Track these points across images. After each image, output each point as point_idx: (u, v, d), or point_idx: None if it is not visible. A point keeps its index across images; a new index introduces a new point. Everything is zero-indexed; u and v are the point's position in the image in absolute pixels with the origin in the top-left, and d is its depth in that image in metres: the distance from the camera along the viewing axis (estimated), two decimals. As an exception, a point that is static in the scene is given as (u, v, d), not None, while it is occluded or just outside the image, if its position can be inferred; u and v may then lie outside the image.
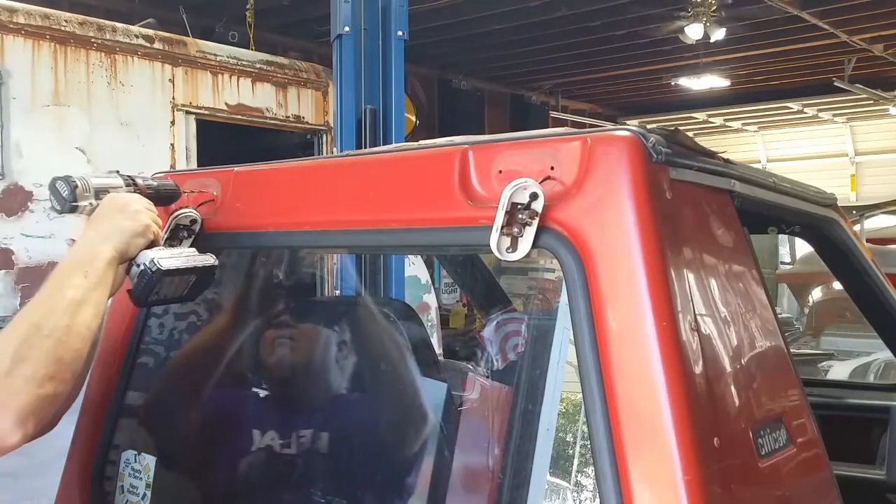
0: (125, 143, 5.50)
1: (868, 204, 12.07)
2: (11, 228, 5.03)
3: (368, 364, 2.19)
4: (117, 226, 1.67)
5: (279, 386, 2.25)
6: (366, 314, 2.35)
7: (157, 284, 1.69)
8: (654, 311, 1.26)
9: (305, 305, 2.54)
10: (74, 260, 1.62)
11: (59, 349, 1.49)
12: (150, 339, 2.17)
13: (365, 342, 2.21)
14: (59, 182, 1.72)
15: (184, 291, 1.78)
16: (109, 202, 1.71)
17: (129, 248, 1.67)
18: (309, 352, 2.22)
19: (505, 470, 1.66)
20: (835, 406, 2.80)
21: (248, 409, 2.27)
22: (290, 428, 2.15)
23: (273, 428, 2.16)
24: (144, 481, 1.98)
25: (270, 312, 2.32)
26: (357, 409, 2.22)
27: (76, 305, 1.53)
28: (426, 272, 7.11)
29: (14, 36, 5.04)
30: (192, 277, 1.77)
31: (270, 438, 2.16)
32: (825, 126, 20.68)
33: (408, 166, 1.65)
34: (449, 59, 14.19)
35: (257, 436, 2.16)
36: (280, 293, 2.41)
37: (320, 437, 2.13)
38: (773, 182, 1.85)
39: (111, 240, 1.65)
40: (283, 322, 2.25)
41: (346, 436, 2.13)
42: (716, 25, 10.78)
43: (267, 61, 6.40)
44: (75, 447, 2.09)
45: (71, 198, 1.71)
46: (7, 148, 4.99)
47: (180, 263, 1.73)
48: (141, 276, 1.69)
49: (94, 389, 2.07)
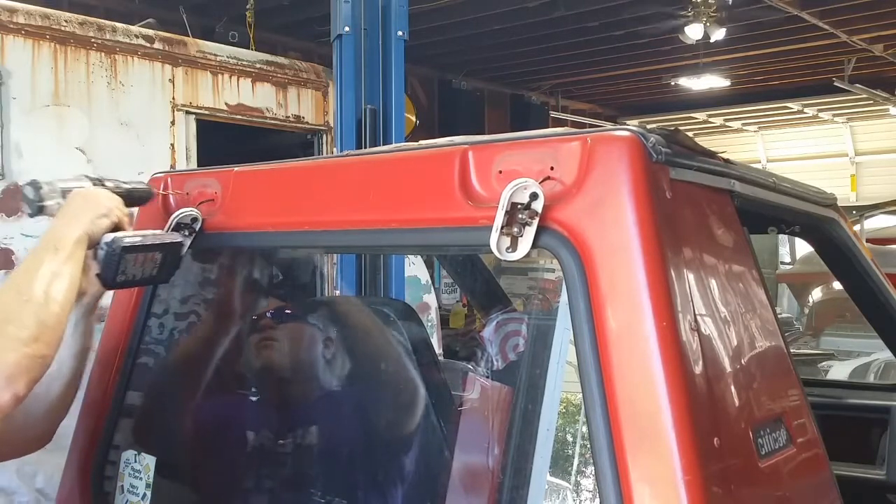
0: (125, 143, 5.49)
1: (868, 204, 12.06)
2: (11, 228, 5.02)
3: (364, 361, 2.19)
4: (81, 210, 1.76)
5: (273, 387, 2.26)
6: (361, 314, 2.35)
7: (121, 263, 1.75)
8: (654, 311, 1.26)
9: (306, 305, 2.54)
10: (45, 241, 1.73)
11: (41, 312, 1.59)
12: (150, 339, 2.17)
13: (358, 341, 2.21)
14: (27, 186, 1.83)
15: (153, 271, 1.83)
16: (75, 195, 1.81)
17: (94, 228, 1.75)
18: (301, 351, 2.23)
19: (505, 470, 1.66)
20: (835, 406, 2.80)
21: (245, 410, 2.28)
22: (287, 427, 2.16)
23: (268, 427, 2.17)
24: (144, 481, 1.98)
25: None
26: (352, 406, 2.22)
27: (51, 275, 1.65)
28: (426, 272, 7.10)
29: (14, 36, 5.03)
30: (158, 255, 1.81)
31: (266, 438, 2.16)
32: (825, 126, 20.67)
33: (408, 166, 1.65)
34: (449, 59, 14.18)
35: (251, 436, 2.17)
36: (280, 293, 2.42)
37: (313, 434, 2.14)
38: (773, 182, 1.84)
39: (77, 220, 1.74)
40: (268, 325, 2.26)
41: (343, 434, 2.14)
42: (716, 25, 10.77)
43: (267, 61, 6.39)
44: (75, 447, 2.09)
45: (37, 198, 1.81)
46: (7, 148, 4.98)
47: (141, 241, 1.79)
48: (104, 255, 1.76)
49: (94, 389, 2.07)
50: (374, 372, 2.17)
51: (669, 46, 12.82)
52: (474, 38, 12.72)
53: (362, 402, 2.23)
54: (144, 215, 2.07)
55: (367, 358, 2.19)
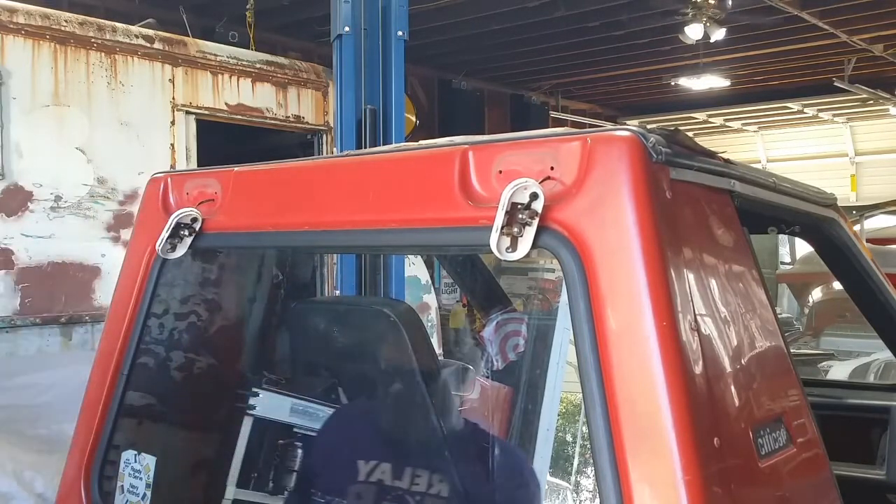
0: (125, 143, 5.50)
1: (868, 204, 12.06)
2: (11, 228, 5.02)
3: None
4: None
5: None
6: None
7: None
8: (654, 311, 1.26)
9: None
10: None
11: None
12: (150, 339, 2.17)
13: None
14: None
15: None
16: None
17: None
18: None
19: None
20: (835, 406, 2.80)
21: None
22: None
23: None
24: (144, 481, 1.98)
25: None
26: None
27: None
28: (426, 272, 7.10)
29: (14, 36, 5.04)
30: None
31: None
32: (825, 126, 20.66)
33: (408, 166, 1.65)
34: (449, 59, 14.17)
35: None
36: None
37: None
38: (773, 182, 1.84)
39: None
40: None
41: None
42: (716, 25, 10.77)
43: (267, 61, 6.39)
44: (75, 447, 2.09)
45: None
46: (7, 148, 4.98)
47: None
48: None
49: (94, 389, 2.06)
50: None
51: (669, 46, 12.82)
52: (474, 38, 12.72)
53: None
54: (145, 216, 2.07)
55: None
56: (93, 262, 5.32)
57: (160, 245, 1.94)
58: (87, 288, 5.30)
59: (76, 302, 5.25)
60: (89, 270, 5.31)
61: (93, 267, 5.32)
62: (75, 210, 5.26)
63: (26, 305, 5.05)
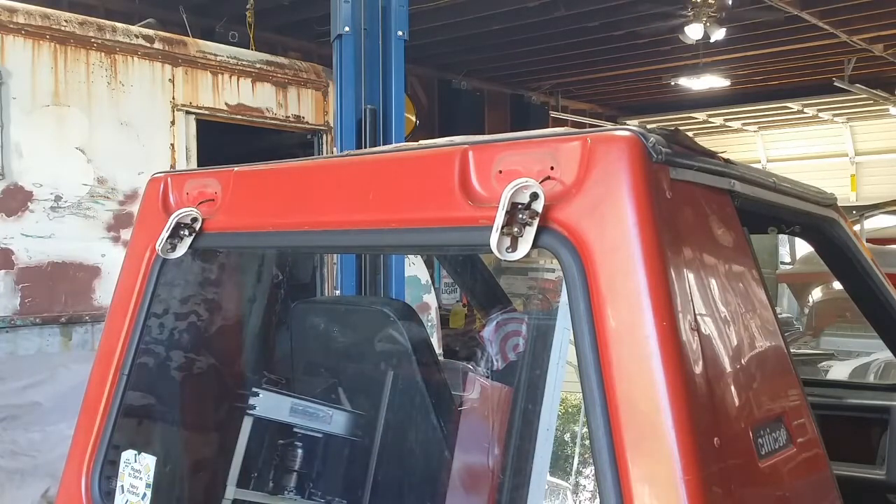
0: (125, 143, 5.50)
1: (868, 204, 12.05)
2: (11, 228, 5.02)
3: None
4: None
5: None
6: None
7: None
8: (654, 310, 1.26)
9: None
10: None
11: None
12: (150, 339, 2.17)
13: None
14: None
15: None
16: None
17: None
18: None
19: (505, 470, 1.66)
20: (835, 406, 2.79)
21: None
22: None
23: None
24: (144, 481, 1.98)
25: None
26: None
27: None
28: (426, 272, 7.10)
29: (14, 36, 5.04)
30: None
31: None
32: (825, 126, 20.67)
33: (408, 166, 1.65)
34: (449, 59, 14.18)
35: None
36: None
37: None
38: (773, 182, 1.84)
39: None
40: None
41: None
42: (716, 25, 10.77)
43: (267, 61, 6.39)
44: (75, 447, 2.09)
45: None
46: (7, 148, 4.99)
47: None
48: None
49: (94, 389, 2.06)
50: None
51: (669, 46, 12.82)
52: (474, 38, 12.72)
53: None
54: (145, 215, 2.07)
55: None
56: (93, 262, 5.33)
57: (160, 245, 1.94)
58: (87, 288, 5.30)
59: (76, 302, 5.26)
60: (89, 270, 5.31)
61: (93, 267, 5.32)
62: (75, 210, 5.26)
63: (26, 305, 5.05)
